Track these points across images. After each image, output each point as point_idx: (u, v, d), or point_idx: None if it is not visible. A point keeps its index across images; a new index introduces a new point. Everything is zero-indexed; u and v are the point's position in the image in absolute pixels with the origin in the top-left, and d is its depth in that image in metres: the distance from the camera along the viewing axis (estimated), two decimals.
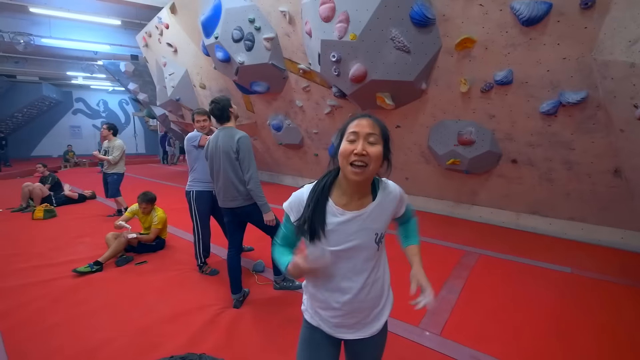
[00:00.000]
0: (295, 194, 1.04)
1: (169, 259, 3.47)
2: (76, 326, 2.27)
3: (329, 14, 3.68)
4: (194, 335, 2.15)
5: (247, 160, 2.36)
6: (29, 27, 9.25)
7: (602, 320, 2.35)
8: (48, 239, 4.14)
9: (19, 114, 15.99)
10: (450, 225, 4.65)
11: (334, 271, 1.00)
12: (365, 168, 0.91)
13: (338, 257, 0.99)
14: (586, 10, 2.67)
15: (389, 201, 1.03)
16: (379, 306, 1.08)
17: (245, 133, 2.43)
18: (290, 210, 1.03)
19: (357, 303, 1.03)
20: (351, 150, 0.90)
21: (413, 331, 2.20)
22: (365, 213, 0.98)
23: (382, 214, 1.01)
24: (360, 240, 0.98)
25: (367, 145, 0.90)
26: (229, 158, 2.36)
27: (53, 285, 2.87)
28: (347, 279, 1.01)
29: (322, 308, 1.08)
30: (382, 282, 1.08)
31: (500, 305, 2.56)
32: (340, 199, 0.98)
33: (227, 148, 2.36)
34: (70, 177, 10.06)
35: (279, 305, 2.55)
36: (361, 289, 1.02)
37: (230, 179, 2.38)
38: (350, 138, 0.92)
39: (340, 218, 0.96)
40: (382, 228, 1.01)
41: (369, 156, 0.90)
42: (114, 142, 5.01)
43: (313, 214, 0.96)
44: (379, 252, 1.04)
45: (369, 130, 0.91)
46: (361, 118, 0.94)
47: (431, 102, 4.16)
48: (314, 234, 0.97)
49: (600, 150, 3.34)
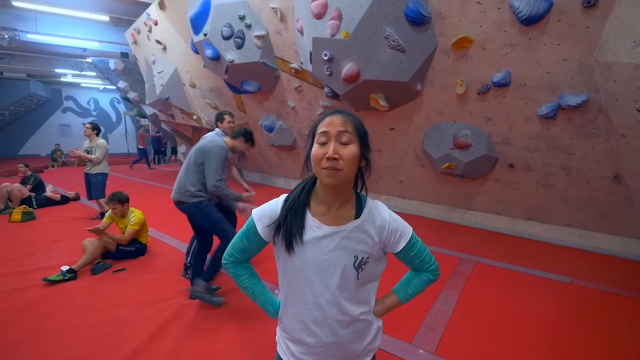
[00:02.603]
0: (267, 204, 0.92)
1: (149, 266, 3.28)
2: (40, 344, 2.07)
3: (321, 10, 3.52)
4: (168, 353, 1.97)
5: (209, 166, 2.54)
6: (14, 22, 8.95)
7: (605, 336, 2.22)
8: (23, 243, 3.91)
9: (6, 111, 15.53)
10: (445, 231, 4.52)
11: (305, 297, 0.87)
12: (340, 172, 0.78)
13: (310, 277, 0.86)
14: (588, 9, 2.54)
15: (374, 226, 0.87)
16: (362, 346, 0.93)
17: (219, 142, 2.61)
18: (259, 219, 0.89)
19: (333, 339, 0.88)
20: (323, 154, 0.79)
21: (406, 349, 2.05)
22: (344, 230, 0.84)
23: (364, 237, 0.86)
24: (336, 261, 0.84)
25: (340, 146, 0.79)
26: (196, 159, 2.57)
27: (20, 295, 2.66)
28: (319, 308, 0.87)
29: (292, 341, 0.93)
30: (368, 322, 0.93)
31: (498, 319, 2.42)
32: (319, 208, 0.86)
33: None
34: (56, 177, 9.77)
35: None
36: (338, 323, 0.87)
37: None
38: (320, 140, 0.80)
39: (316, 232, 0.84)
40: (363, 253, 0.86)
41: (342, 159, 0.78)
42: (96, 141, 4.84)
43: (289, 218, 0.85)
44: (361, 282, 0.89)
45: (341, 128, 0.79)
46: (332, 115, 0.82)
47: (426, 103, 4.03)
48: (290, 240, 0.84)
49: (600, 156, 3.22)
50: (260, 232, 0.89)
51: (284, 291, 0.94)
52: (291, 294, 0.91)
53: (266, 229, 0.88)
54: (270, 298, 0.98)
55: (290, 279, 0.90)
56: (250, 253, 0.95)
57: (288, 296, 0.92)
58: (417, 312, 2.44)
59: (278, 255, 0.92)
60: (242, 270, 0.97)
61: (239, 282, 0.97)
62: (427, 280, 0.96)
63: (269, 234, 0.89)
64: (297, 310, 0.90)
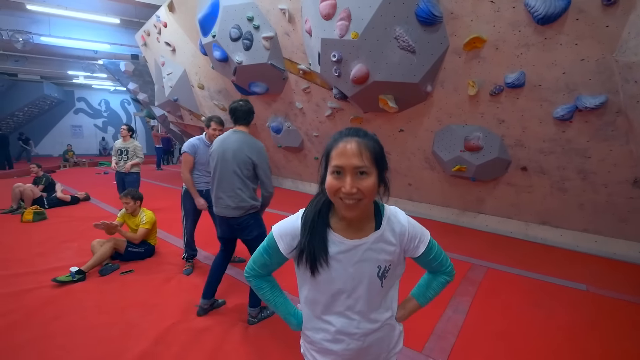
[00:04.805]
0: (287, 221, 0.90)
1: (157, 268, 3.27)
2: (46, 346, 2.07)
3: (330, 11, 3.49)
4: (175, 358, 1.95)
5: (265, 173, 2.26)
6: (29, 25, 9.15)
7: (624, 346, 2.13)
8: (33, 243, 3.96)
9: (20, 112, 15.90)
10: (455, 235, 4.43)
11: (330, 310, 0.89)
12: (360, 202, 0.77)
13: (334, 290, 0.87)
14: (609, 8, 2.45)
15: (394, 235, 0.88)
16: (387, 350, 0.96)
17: (261, 143, 2.31)
18: (280, 237, 0.89)
19: (360, 346, 0.91)
20: (338, 188, 0.77)
21: (416, 358, 1.99)
22: (366, 243, 0.85)
23: (386, 246, 0.87)
24: (361, 273, 0.86)
25: (357, 178, 0.75)
26: (240, 166, 2.19)
27: (29, 296, 2.68)
28: (346, 318, 0.89)
29: (319, 352, 0.93)
30: (391, 326, 0.94)
31: (512, 328, 2.34)
32: (339, 224, 0.86)
33: (241, 155, 2.18)
34: (67, 177, 9.93)
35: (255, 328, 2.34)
36: (364, 331, 0.89)
37: (235, 188, 2.20)
38: (335, 171, 0.77)
39: (339, 247, 0.84)
40: (386, 262, 0.88)
41: (360, 191, 0.76)
42: (132, 142, 5.10)
43: (312, 241, 0.83)
44: (385, 290, 0.91)
45: (357, 163, 0.75)
46: (346, 142, 0.77)
47: (437, 105, 3.95)
48: (315, 264, 0.83)
49: (618, 159, 3.11)
50: (282, 250, 0.89)
51: (307, 304, 0.94)
52: (315, 307, 0.91)
53: (289, 253, 0.89)
54: (292, 309, 0.98)
55: (314, 293, 0.90)
56: (271, 268, 0.96)
57: (312, 309, 0.92)
58: (427, 319, 2.37)
59: (299, 271, 0.92)
60: (264, 283, 0.98)
61: (262, 295, 0.98)
62: (444, 282, 1.00)
63: (291, 254, 0.89)
64: (322, 321, 0.91)
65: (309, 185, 7.39)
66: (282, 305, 0.98)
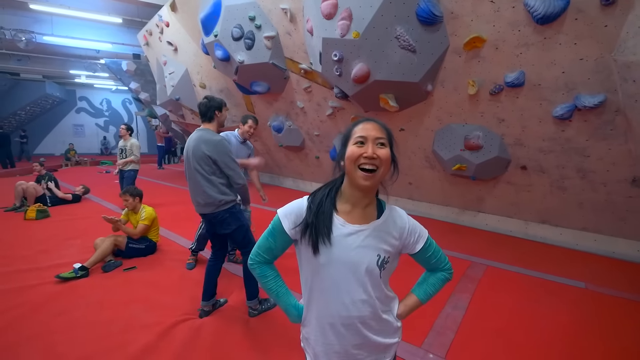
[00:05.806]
0: (293, 203, 0.96)
1: (159, 265, 3.31)
2: (51, 340, 2.10)
3: (331, 10, 3.51)
4: (176, 353, 1.98)
5: (227, 166, 2.24)
6: (31, 24, 9.18)
7: (622, 344, 2.15)
8: (37, 240, 3.99)
9: (22, 111, 15.96)
10: (455, 233, 4.45)
11: (329, 295, 0.91)
12: (376, 172, 0.86)
13: (335, 274, 0.89)
14: (607, 8, 2.47)
15: (395, 227, 0.94)
16: (385, 342, 0.96)
17: (221, 137, 2.29)
18: (285, 217, 0.93)
19: (357, 338, 0.92)
20: (360, 154, 0.86)
21: (415, 353, 2.02)
22: (368, 229, 0.90)
23: (386, 237, 0.92)
24: (360, 258, 0.88)
25: (377, 147, 0.86)
26: (200, 164, 2.21)
27: (34, 292, 2.71)
28: (344, 306, 0.90)
29: (317, 343, 0.95)
30: (388, 320, 0.97)
31: (511, 325, 2.36)
32: (344, 207, 0.92)
33: (198, 152, 2.20)
34: (70, 175, 9.98)
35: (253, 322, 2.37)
36: (362, 320, 0.91)
37: (201, 186, 2.23)
38: (358, 141, 0.87)
39: (341, 230, 0.89)
40: (385, 252, 0.91)
41: (379, 159, 0.85)
42: (130, 141, 5.30)
43: (317, 218, 0.89)
44: (383, 282, 0.93)
45: (377, 134, 0.87)
46: (366, 122, 0.90)
47: (437, 104, 3.98)
48: (317, 242, 0.88)
49: (617, 158, 3.13)
50: (287, 229, 0.92)
51: (307, 292, 0.96)
52: (315, 294, 0.93)
53: (292, 230, 0.92)
54: (293, 301, 1.00)
55: (315, 278, 0.92)
56: (275, 253, 0.98)
57: (312, 296, 0.94)
58: (426, 315, 2.40)
59: (301, 255, 0.95)
60: (269, 271, 1.00)
61: (264, 284, 1.00)
62: (443, 279, 1.03)
63: (294, 232, 0.92)
64: (322, 309, 0.92)
65: (310, 184, 7.42)
66: (284, 295, 0.99)
